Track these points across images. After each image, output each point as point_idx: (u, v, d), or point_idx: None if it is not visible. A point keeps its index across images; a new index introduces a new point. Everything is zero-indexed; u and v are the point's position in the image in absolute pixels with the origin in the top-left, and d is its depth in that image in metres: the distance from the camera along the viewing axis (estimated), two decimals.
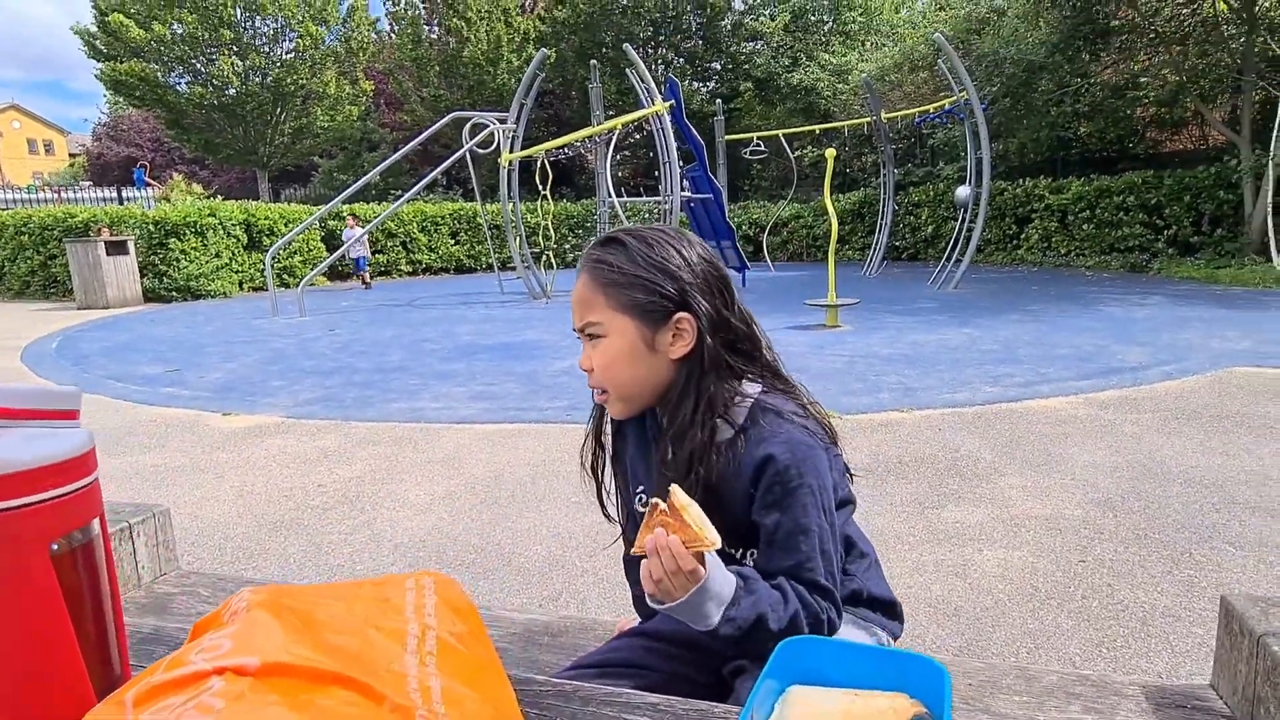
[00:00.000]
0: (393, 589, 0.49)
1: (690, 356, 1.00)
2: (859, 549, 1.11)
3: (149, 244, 13.37)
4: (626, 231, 1.04)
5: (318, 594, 0.45)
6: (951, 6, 18.12)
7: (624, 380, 1.01)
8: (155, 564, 1.59)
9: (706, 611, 0.87)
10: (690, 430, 0.98)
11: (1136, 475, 3.31)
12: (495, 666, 0.49)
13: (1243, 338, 6.24)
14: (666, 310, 0.99)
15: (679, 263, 1.01)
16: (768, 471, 0.94)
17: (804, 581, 0.93)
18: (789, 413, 0.99)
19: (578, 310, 1.03)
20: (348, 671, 0.38)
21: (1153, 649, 2.03)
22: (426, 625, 0.46)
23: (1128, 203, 12.74)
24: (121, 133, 38.00)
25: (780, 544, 0.95)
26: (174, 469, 3.90)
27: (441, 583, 0.51)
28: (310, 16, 22.10)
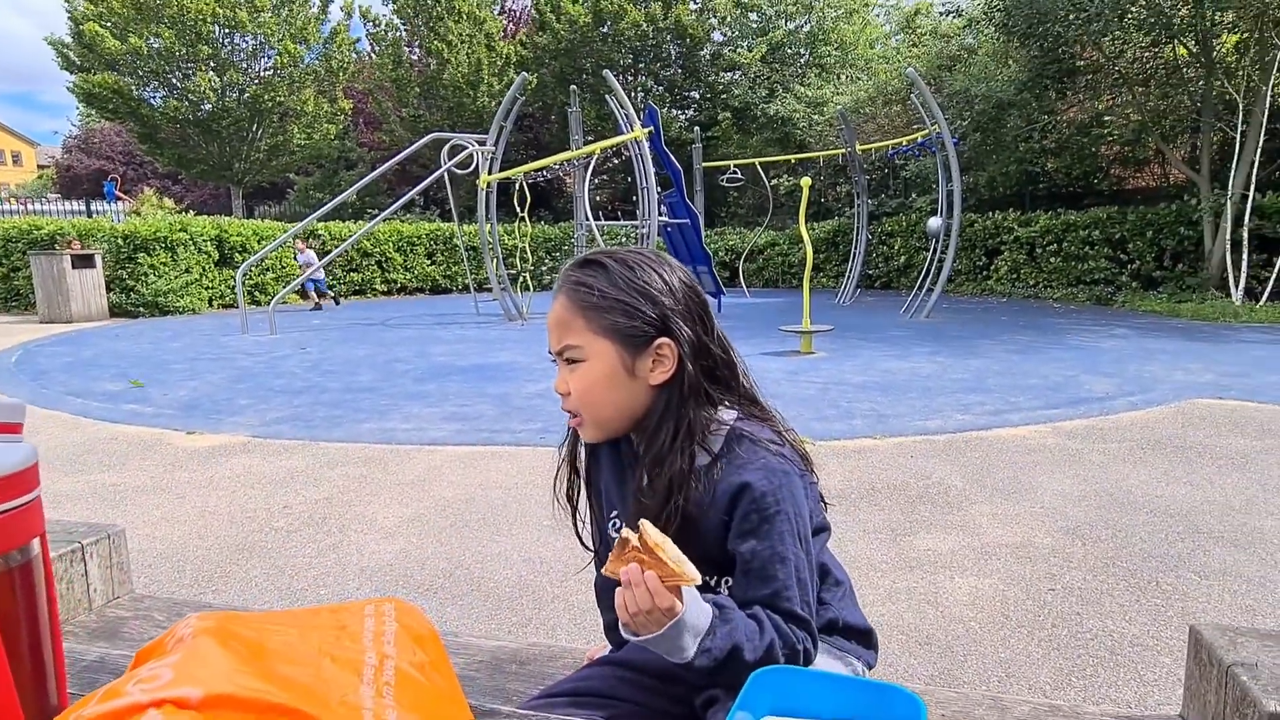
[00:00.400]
0: (351, 616, 0.47)
1: (670, 383, 0.99)
2: (834, 576, 1.10)
3: (117, 258, 13.12)
4: (607, 254, 1.02)
5: (270, 621, 0.43)
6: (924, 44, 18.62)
7: (601, 406, 0.99)
8: (108, 587, 1.53)
9: (683, 644, 0.86)
10: (669, 457, 0.96)
11: (1104, 504, 3.34)
12: (457, 698, 0.47)
13: (1204, 370, 6.39)
14: (648, 335, 0.98)
15: (661, 287, 1.00)
16: (744, 498, 0.93)
17: (780, 611, 0.92)
18: (765, 440, 0.98)
19: (555, 332, 1.01)
20: (298, 704, 0.36)
21: (1121, 678, 2.04)
22: (385, 654, 0.44)
23: (1093, 237, 13.06)
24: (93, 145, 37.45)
25: (756, 572, 0.94)
26: (133, 489, 3.79)
27: (403, 610, 0.49)
28: (290, 35, 22.05)
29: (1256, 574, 2.63)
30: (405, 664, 0.44)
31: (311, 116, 23.10)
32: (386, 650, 0.44)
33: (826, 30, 23.46)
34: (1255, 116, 10.64)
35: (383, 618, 0.47)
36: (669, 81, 25.38)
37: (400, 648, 0.45)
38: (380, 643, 0.45)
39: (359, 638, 0.44)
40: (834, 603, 1.07)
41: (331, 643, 0.43)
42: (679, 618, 0.83)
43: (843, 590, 1.10)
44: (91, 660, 0.92)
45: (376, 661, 0.43)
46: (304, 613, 0.47)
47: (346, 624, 0.45)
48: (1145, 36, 11.85)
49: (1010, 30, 12.39)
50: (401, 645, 0.45)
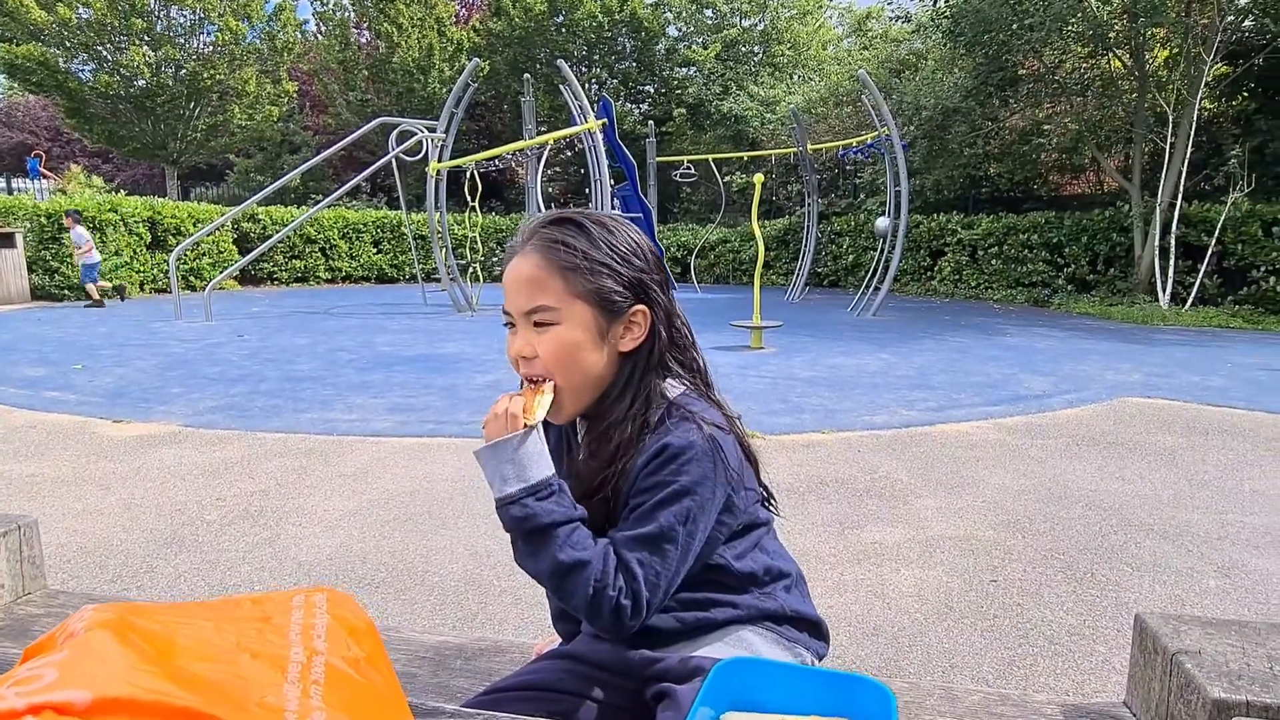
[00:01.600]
0: (276, 607, 0.42)
1: (636, 351, 0.97)
2: (778, 568, 1.06)
3: (40, 238, 12.46)
4: (580, 214, 0.98)
5: (183, 613, 0.38)
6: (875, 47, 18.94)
7: (573, 372, 0.95)
8: (17, 582, 1.43)
9: (504, 473, 0.90)
10: (622, 425, 0.94)
11: (1043, 498, 3.44)
12: (395, 696, 0.43)
13: (1134, 370, 6.64)
14: (625, 301, 0.95)
15: (638, 251, 0.98)
16: (656, 458, 0.91)
17: (619, 557, 0.89)
18: (700, 415, 0.95)
19: (524, 291, 0.95)
20: (207, 707, 0.31)
21: (1060, 667, 2.08)
22: (314, 650, 0.39)
23: (1032, 240, 13.48)
24: (15, 119, 35.48)
25: (628, 520, 0.92)
26: (52, 479, 3.58)
27: (336, 600, 0.44)
28: (232, 11, 21.21)
29: (1184, 565, 2.73)
30: (338, 660, 0.40)
31: (253, 97, 22.27)
32: (316, 645, 0.40)
33: (780, 29, 23.68)
34: (1183, 128, 11.11)
35: (313, 609, 0.42)
36: (624, 75, 25.30)
37: (333, 642, 0.41)
38: (309, 637, 0.40)
39: (284, 631, 0.40)
40: (777, 593, 1.05)
41: (252, 637, 0.38)
42: (513, 438, 0.89)
43: (790, 581, 1.07)
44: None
45: (304, 658, 0.38)
46: (222, 603, 0.42)
47: (271, 616, 0.41)
48: (1083, 48, 12.28)
49: (957, 38, 12.68)
50: (334, 640, 0.41)
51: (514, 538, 0.92)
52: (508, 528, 0.92)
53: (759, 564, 1.03)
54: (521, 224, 1.03)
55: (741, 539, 1.02)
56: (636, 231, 1.01)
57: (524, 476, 0.90)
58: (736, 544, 1.01)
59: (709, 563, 0.98)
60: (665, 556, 0.90)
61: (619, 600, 0.87)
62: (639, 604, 0.88)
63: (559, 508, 0.89)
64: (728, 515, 0.97)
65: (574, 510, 0.91)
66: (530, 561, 0.91)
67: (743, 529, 1.01)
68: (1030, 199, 16.08)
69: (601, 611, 0.88)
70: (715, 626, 1.00)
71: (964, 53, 13.32)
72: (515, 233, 1.04)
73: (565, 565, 0.87)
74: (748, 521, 1.01)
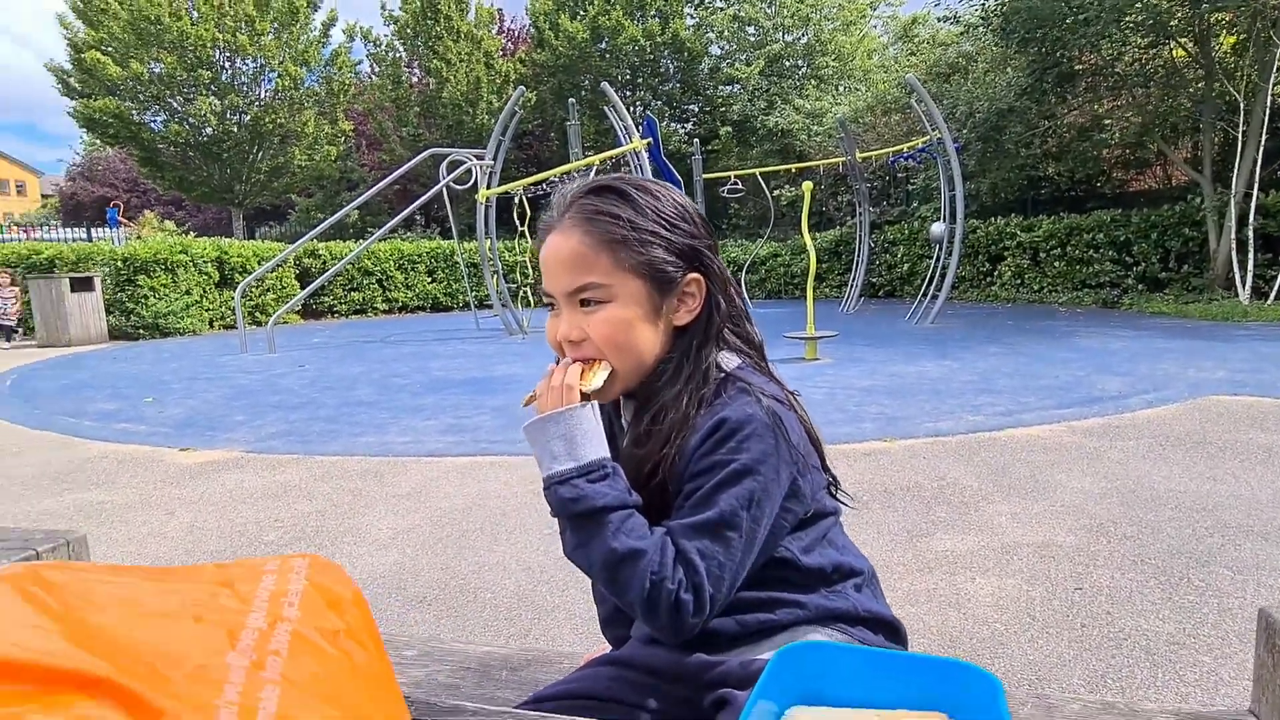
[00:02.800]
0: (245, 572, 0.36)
1: (693, 324, 0.90)
2: (848, 564, 0.96)
3: (117, 281, 13.08)
4: (622, 180, 0.91)
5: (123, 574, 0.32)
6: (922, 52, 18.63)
7: (629, 353, 0.88)
8: None
9: (554, 450, 0.83)
10: (676, 401, 0.86)
11: (1127, 501, 3.21)
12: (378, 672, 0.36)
13: (1217, 368, 6.25)
14: (679, 271, 0.88)
15: (687, 216, 0.90)
16: (712, 436, 0.83)
17: (677, 547, 0.81)
18: (762, 392, 0.87)
19: (570, 271, 0.88)
20: (111, 673, 0.25)
21: (1161, 679, 1.90)
22: (280, 617, 0.33)
23: (1097, 240, 12.94)
24: (96, 173, 37.68)
25: (684, 507, 0.83)
26: (121, 505, 3.67)
27: (319, 566, 0.38)
28: (291, 58, 22.16)
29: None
30: (309, 629, 0.33)
31: (312, 138, 23.16)
32: (285, 613, 0.33)
33: (824, 42, 23.53)
34: (1256, 115, 10.56)
35: (289, 575, 0.36)
36: (667, 96, 25.47)
37: (307, 610, 0.34)
38: (278, 604, 0.34)
39: (248, 597, 0.33)
40: (849, 592, 0.95)
41: (204, 600, 0.32)
42: (566, 411, 0.83)
43: (861, 579, 0.97)
44: None
45: (265, 624, 0.32)
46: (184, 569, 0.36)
47: (235, 581, 0.35)
48: (1143, 38, 11.80)
49: (1009, 36, 12.35)
50: (309, 608, 0.35)
51: (562, 524, 0.85)
52: (555, 511, 0.85)
53: (827, 559, 0.93)
54: (554, 196, 0.96)
55: (808, 530, 0.92)
56: (682, 195, 0.93)
57: (576, 455, 0.83)
58: (803, 535, 0.91)
59: (773, 556, 0.89)
60: (728, 545, 0.81)
61: (679, 595, 0.78)
62: (701, 599, 0.79)
63: (613, 491, 0.82)
64: (793, 501, 0.88)
65: (628, 495, 0.83)
66: (580, 552, 0.83)
67: (809, 519, 0.92)
68: (1093, 197, 15.48)
69: (659, 608, 0.79)
70: (780, 629, 0.90)
71: (1016, 51, 12.96)
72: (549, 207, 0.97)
73: (619, 554, 0.79)
74: (815, 510, 0.92)
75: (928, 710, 0.43)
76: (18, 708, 0.23)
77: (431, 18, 23.17)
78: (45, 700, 0.24)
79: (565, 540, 0.85)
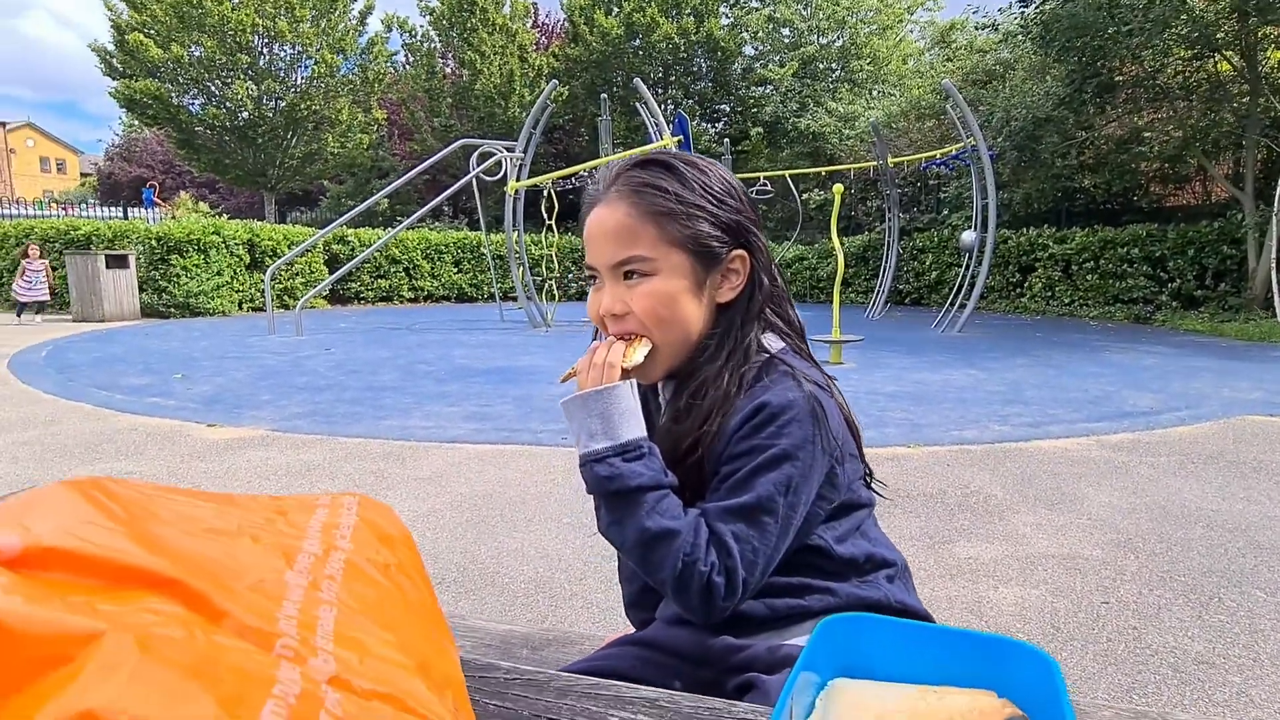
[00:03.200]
0: (296, 504, 0.35)
1: (735, 301, 0.89)
2: (881, 555, 0.95)
3: (150, 259, 13.31)
4: (669, 154, 0.90)
5: (181, 494, 0.32)
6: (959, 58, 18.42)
7: (672, 326, 0.87)
8: None
9: (591, 428, 0.83)
10: (717, 380, 0.86)
11: (1156, 517, 3.15)
12: (428, 606, 0.36)
13: (1253, 388, 6.11)
14: (724, 247, 0.88)
15: (733, 192, 0.90)
16: (752, 419, 0.82)
17: (711, 529, 0.80)
18: (805, 377, 0.86)
19: (614, 242, 0.87)
20: (178, 573, 0.24)
21: (1188, 697, 1.86)
22: (334, 546, 0.33)
23: (1132, 254, 12.72)
24: (134, 154, 38.39)
25: (719, 489, 0.82)
26: (148, 477, 3.73)
27: (368, 505, 0.38)
28: (329, 46, 22.40)
29: None
30: (361, 560, 0.33)
31: (346, 126, 23.41)
32: (339, 544, 0.33)
33: (859, 45, 23.35)
34: None
35: (340, 509, 0.36)
36: (699, 95, 25.41)
37: (359, 543, 0.34)
38: (331, 535, 0.33)
39: (301, 526, 0.33)
40: (881, 583, 0.93)
41: (260, 524, 0.32)
42: (609, 386, 0.82)
43: (894, 570, 0.96)
44: None
45: (320, 550, 0.32)
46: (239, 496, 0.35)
47: (289, 510, 0.34)
48: (1187, 50, 11.57)
49: (1048, 45, 12.16)
50: (361, 540, 0.34)
51: (597, 502, 0.85)
52: (590, 489, 0.84)
53: (860, 549, 0.92)
54: (600, 171, 0.95)
55: (842, 520, 0.91)
56: (728, 171, 0.93)
57: (613, 434, 0.82)
58: (837, 525, 0.90)
59: (807, 543, 0.88)
60: (764, 530, 0.80)
61: (710, 577, 0.78)
62: (733, 582, 0.79)
63: (648, 470, 0.81)
64: (829, 489, 0.87)
65: (664, 476, 0.82)
66: (614, 530, 0.83)
67: (843, 508, 0.91)
68: (1129, 211, 15.21)
69: (690, 589, 0.78)
70: (810, 615, 0.89)
71: (1055, 60, 12.76)
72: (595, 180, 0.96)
73: (652, 534, 0.79)
74: (849, 500, 0.91)
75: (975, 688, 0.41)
76: (81, 598, 0.23)
77: (467, 10, 23.31)
78: (114, 594, 0.24)
79: (599, 517, 0.85)
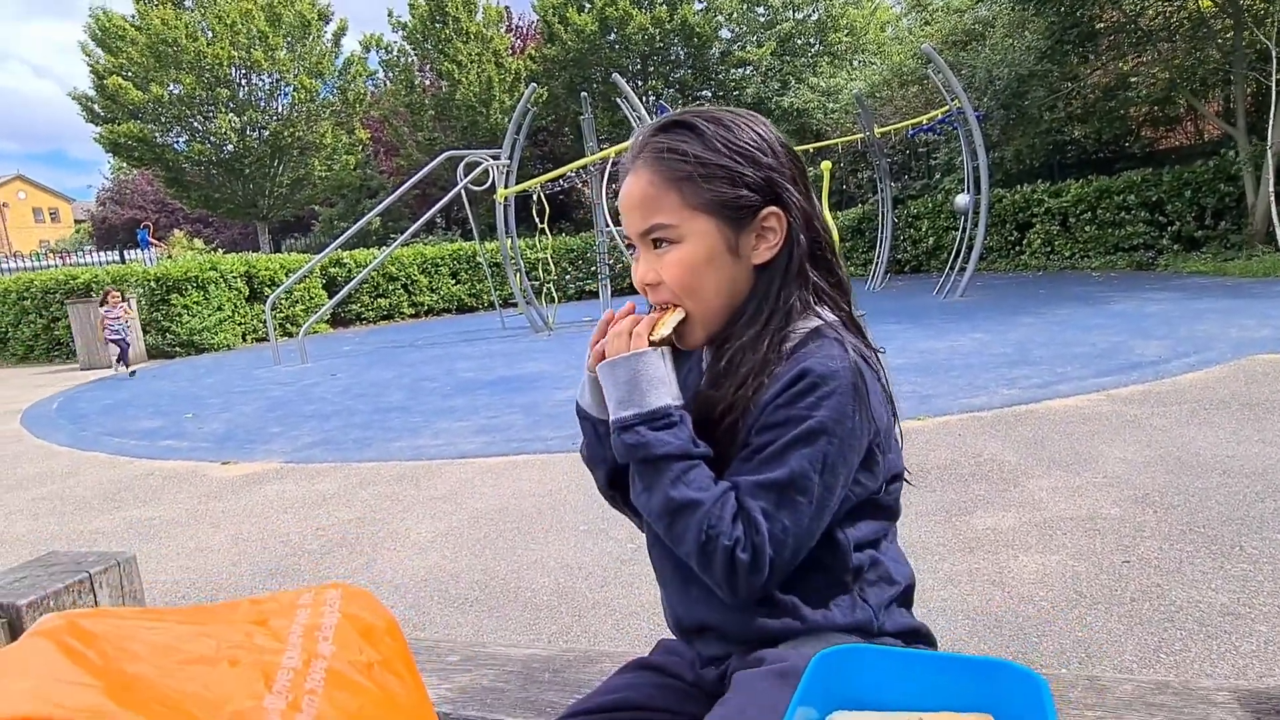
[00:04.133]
0: (278, 608, 0.36)
1: (774, 261, 0.85)
2: (890, 572, 0.89)
3: (151, 301, 13.37)
4: (692, 113, 0.87)
5: (158, 618, 0.32)
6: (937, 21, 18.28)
7: (704, 292, 0.85)
8: None
9: (619, 395, 0.83)
10: (756, 343, 0.82)
11: (1172, 469, 3.14)
12: (415, 701, 0.36)
13: (1261, 326, 6.07)
14: (754, 206, 0.84)
15: (764, 146, 0.85)
16: (791, 387, 0.78)
17: (741, 503, 0.77)
18: (853, 347, 0.82)
19: (639, 211, 0.85)
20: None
21: (1216, 651, 1.86)
22: (316, 654, 0.33)
23: (1128, 201, 12.63)
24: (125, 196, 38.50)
25: (751, 460, 0.79)
26: (168, 521, 3.76)
27: (351, 596, 0.38)
28: (306, 71, 22.40)
29: None
30: (344, 664, 0.33)
31: (330, 149, 23.44)
32: (320, 649, 0.33)
33: (835, 17, 23.22)
34: None
35: (322, 608, 0.36)
36: (679, 83, 25.30)
37: (342, 644, 0.34)
38: (312, 639, 0.34)
39: (283, 634, 0.34)
40: (888, 605, 0.88)
41: (240, 641, 0.32)
42: (634, 353, 0.82)
43: (898, 591, 0.90)
44: None
45: (300, 663, 0.32)
46: (220, 607, 0.36)
47: (269, 618, 0.35)
48: None
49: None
50: (344, 641, 0.35)
51: (631, 469, 0.84)
52: (620, 456, 0.84)
53: (869, 559, 0.87)
54: (633, 137, 0.94)
55: (863, 522, 0.86)
56: (763, 125, 0.88)
57: (641, 402, 0.81)
58: (858, 525, 0.85)
59: (828, 535, 0.82)
60: (796, 509, 0.76)
61: (735, 553, 0.75)
62: (759, 561, 0.75)
63: (675, 440, 0.80)
64: (866, 475, 0.83)
65: (693, 446, 0.80)
66: (643, 497, 0.82)
67: (872, 508, 0.86)
68: (1122, 158, 15.10)
69: (713, 563, 0.76)
70: (804, 633, 0.84)
71: (1034, 13, 12.65)
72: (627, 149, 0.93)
73: (675, 503, 0.78)
74: (881, 500, 0.87)
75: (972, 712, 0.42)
76: None
77: (439, 20, 23.25)
78: None
79: (633, 485, 0.84)
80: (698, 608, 0.88)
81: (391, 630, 0.38)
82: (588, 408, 0.93)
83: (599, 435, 0.91)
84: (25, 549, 3.47)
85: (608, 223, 11.58)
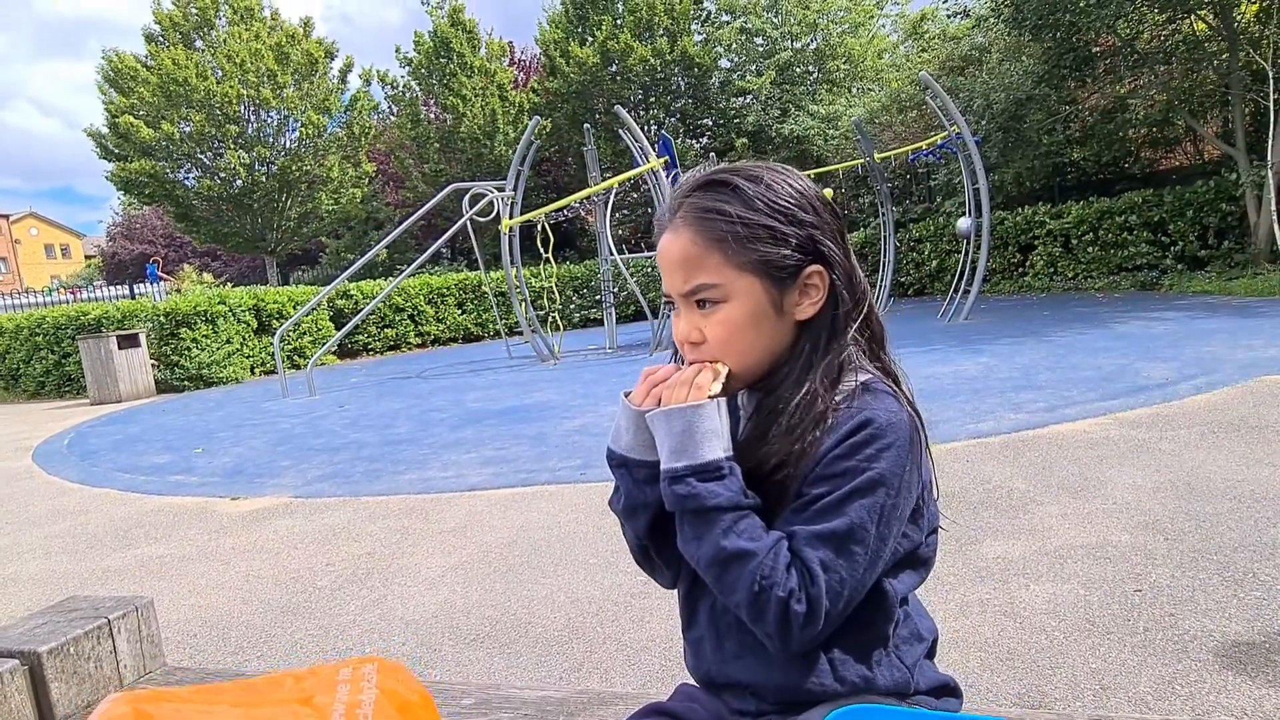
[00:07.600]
0: (320, 683, 0.38)
1: (817, 317, 0.86)
2: (918, 629, 0.90)
3: (160, 335, 13.48)
4: (731, 171, 0.88)
5: (213, 698, 0.35)
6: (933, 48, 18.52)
7: (748, 352, 0.86)
8: (138, 662, 1.47)
9: (672, 444, 0.82)
10: (802, 400, 0.83)
11: (1182, 494, 3.13)
12: None
13: (1268, 346, 6.07)
14: (798, 265, 0.85)
15: (803, 203, 0.86)
16: (851, 438, 0.79)
17: (797, 554, 0.77)
18: (908, 399, 0.85)
19: (681, 271, 0.86)
20: None
21: (1231, 683, 1.85)
22: None
23: (1130, 222, 12.68)
24: (135, 231, 39.00)
25: (807, 511, 0.79)
26: (179, 559, 3.77)
27: (386, 671, 0.40)
28: (313, 107, 22.77)
29: None
30: None
31: (337, 182, 23.72)
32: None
33: (833, 45, 23.51)
34: None
35: (360, 684, 0.38)
36: (681, 112, 25.58)
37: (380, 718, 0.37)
38: (354, 714, 0.36)
39: (327, 712, 0.36)
40: (919, 661, 0.88)
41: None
42: (691, 405, 0.82)
43: (925, 647, 0.91)
44: None
45: None
46: (264, 682, 0.38)
47: (313, 695, 0.37)
48: (1160, 14, 11.60)
49: (1021, 24, 12.23)
50: (382, 715, 0.37)
51: (678, 518, 0.84)
52: (670, 505, 0.84)
53: (903, 614, 0.88)
54: (670, 191, 0.96)
55: (903, 574, 0.87)
56: (800, 179, 0.89)
57: (695, 453, 0.81)
58: (902, 576, 0.87)
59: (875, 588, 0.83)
60: (853, 560, 0.77)
61: (790, 605, 0.75)
62: (815, 611, 0.75)
63: (726, 491, 0.80)
64: (912, 527, 0.84)
65: (743, 497, 0.81)
66: (692, 545, 0.82)
67: (914, 560, 0.87)
68: (1122, 179, 15.21)
69: (766, 615, 0.76)
70: (844, 695, 0.83)
71: (1030, 39, 12.82)
72: (663, 203, 0.93)
73: (727, 552, 0.78)
74: (922, 553, 0.88)
75: None
76: None
77: (444, 56, 23.64)
78: None
79: (680, 533, 0.84)
80: (731, 664, 0.88)
81: (426, 704, 0.40)
82: (627, 450, 0.89)
83: (638, 480, 0.89)
84: (40, 589, 3.48)
85: (611, 251, 11.67)
